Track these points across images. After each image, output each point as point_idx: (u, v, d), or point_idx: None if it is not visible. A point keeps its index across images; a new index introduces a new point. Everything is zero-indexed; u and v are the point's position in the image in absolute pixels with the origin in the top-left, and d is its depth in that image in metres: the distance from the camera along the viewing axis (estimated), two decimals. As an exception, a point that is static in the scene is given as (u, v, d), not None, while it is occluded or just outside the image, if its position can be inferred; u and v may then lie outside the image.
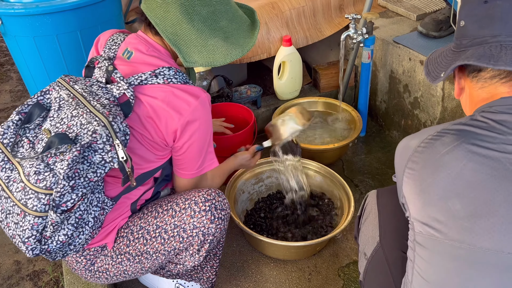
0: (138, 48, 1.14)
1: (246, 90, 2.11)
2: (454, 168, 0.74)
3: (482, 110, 0.79)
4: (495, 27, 0.78)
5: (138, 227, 1.18)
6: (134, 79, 1.09)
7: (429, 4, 2.15)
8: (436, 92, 1.77)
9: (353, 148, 2.07)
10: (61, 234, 0.98)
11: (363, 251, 1.11)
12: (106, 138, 0.97)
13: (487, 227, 0.71)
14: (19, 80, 3.10)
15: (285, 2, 2.06)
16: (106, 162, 0.99)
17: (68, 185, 0.94)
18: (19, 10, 1.69)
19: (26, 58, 1.85)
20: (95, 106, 1.00)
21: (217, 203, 1.17)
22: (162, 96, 1.08)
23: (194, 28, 1.09)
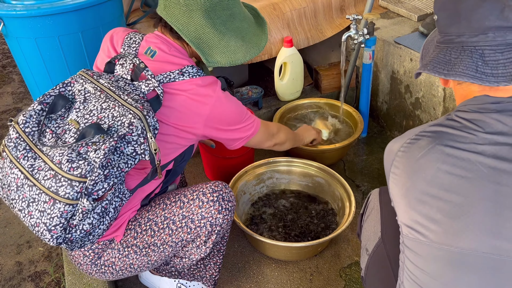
0: (160, 47, 1.19)
1: (247, 91, 2.11)
2: (429, 171, 0.76)
3: (458, 109, 0.80)
4: (460, 25, 0.78)
5: (146, 219, 1.20)
6: (163, 77, 1.14)
7: (430, 5, 2.15)
8: (437, 93, 1.76)
9: (354, 148, 2.07)
10: (86, 223, 0.99)
11: (365, 247, 1.12)
12: (141, 130, 1.01)
13: (462, 228, 0.72)
14: (21, 82, 3.11)
15: (286, 3, 2.07)
16: (137, 154, 1.02)
17: (103, 173, 0.96)
18: (20, 11, 1.70)
19: (28, 60, 1.86)
20: (127, 100, 1.04)
21: (224, 194, 1.20)
22: (191, 89, 1.14)
23: (216, 31, 1.16)
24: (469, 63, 0.76)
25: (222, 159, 1.79)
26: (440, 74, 0.79)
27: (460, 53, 0.78)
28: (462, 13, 0.77)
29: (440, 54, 0.81)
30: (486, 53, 0.75)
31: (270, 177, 1.78)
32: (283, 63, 2.04)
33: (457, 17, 0.78)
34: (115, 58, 1.17)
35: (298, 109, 2.11)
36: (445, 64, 0.79)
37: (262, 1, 2.11)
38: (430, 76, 1.77)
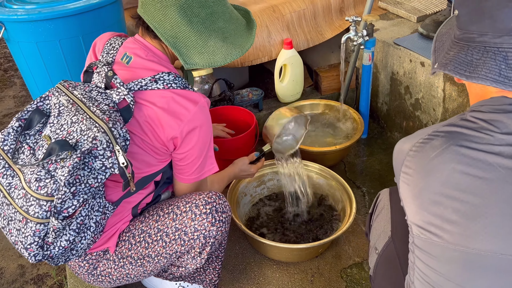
0: (137, 53, 1.14)
1: (247, 93, 2.12)
2: (444, 172, 0.74)
3: (473, 109, 0.78)
4: (483, 24, 0.74)
5: (140, 231, 1.19)
6: (134, 85, 1.09)
7: (429, 6, 2.15)
8: (437, 94, 1.77)
9: (355, 150, 2.07)
10: (63, 240, 0.99)
11: (374, 246, 1.12)
12: (106, 144, 0.98)
13: (479, 229, 0.71)
14: (23, 86, 3.13)
15: (285, 5, 2.07)
16: (107, 168, 0.99)
17: (69, 191, 0.94)
18: (22, 16, 1.71)
19: (29, 64, 1.87)
20: (95, 112, 1.01)
21: (218, 205, 1.17)
22: (162, 102, 1.09)
23: (193, 30, 1.09)
24: (492, 66, 0.72)
25: (223, 161, 1.80)
26: (461, 76, 0.75)
27: (483, 54, 0.74)
28: (486, 12, 0.73)
29: (461, 53, 0.77)
30: (510, 56, 0.72)
31: (271, 179, 1.78)
32: (283, 65, 2.05)
33: (480, 15, 0.74)
34: (93, 66, 1.14)
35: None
36: (466, 65, 0.75)
37: (261, 4, 2.12)
38: (430, 77, 1.78)
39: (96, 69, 1.13)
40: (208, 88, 2.03)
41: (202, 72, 2.00)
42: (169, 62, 1.17)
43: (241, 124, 1.91)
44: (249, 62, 2.04)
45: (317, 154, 1.84)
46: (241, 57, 2.01)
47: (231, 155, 1.77)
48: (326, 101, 2.10)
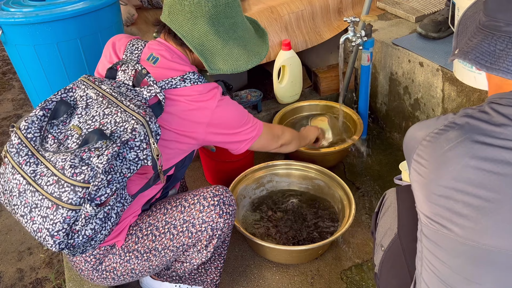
0: (162, 54, 1.20)
1: (246, 94, 2.11)
2: (457, 165, 0.73)
3: (492, 101, 0.76)
4: (511, 13, 0.72)
5: (147, 224, 1.21)
6: (165, 83, 1.15)
7: (427, 6, 2.15)
8: (436, 94, 1.76)
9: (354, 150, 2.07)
10: (88, 229, 0.99)
11: (380, 243, 1.11)
12: (144, 136, 1.01)
13: (491, 225, 0.70)
14: (21, 89, 3.12)
15: (284, 7, 2.07)
16: (140, 159, 1.03)
17: (106, 179, 0.97)
18: (19, 19, 1.70)
19: (27, 67, 1.86)
20: (129, 106, 1.05)
21: (225, 198, 1.21)
22: (193, 95, 1.16)
23: (220, 39, 1.18)
24: None
25: (222, 163, 1.79)
26: (482, 67, 0.74)
27: (507, 45, 0.72)
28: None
29: (484, 42, 0.75)
30: None
31: (270, 181, 1.78)
32: (282, 66, 2.04)
33: (509, 3, 0.72)
34: (117, 64, 1.17)
35: (297, 111, 2.11)
36: (488, 56, 0.74)
37: (260, 5, 2.11)
38: (429, 77, 1.77)
39: (121, 67, 1.16)
40: (206, 90, 2.02)
41: (201, 73, 2.00)
42: (190, 63, 1.24)
43: (240, 126, 1.90)
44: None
45: (316, 156, 1.84)
46: (240, 59, 2.01)
47: (229, 157, 1.76)
48: (325, 102, 2.10)
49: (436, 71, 1.73)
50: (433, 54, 1.78)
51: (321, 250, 1.54)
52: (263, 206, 1.74)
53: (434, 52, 1.80)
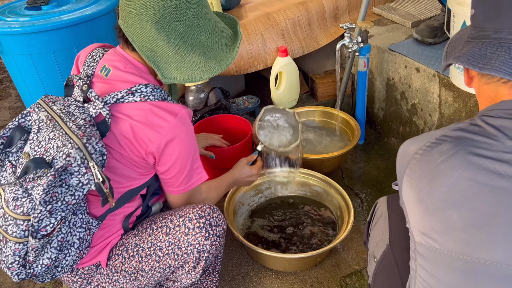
0: (115, 65, 1.11)
1: (243, 101, 2.11)
2: (450, 178, 0.73)
3: (483, 114, 0.77)
4: (499, 21, 0.75)
5: (133, 245, 1.18)
6: (110, 98, 1.06)
7: (423, 11, 2.16)
8: (433, 99, 1.77)
9: (352, 156, 2.07)
10: (45, 258, 0.98)
11: (373, 254, 1.11)
12: (81, 160, 0.96)
13: (485, 238, 0.70)
14: (18, 97, 3.11)
15: (280, 13, 2.08)
16: (84, 184, 0.98)
17: (46, 210, 0.94)
18: (16, 29, 1.71)
19: (23, 76, 1.86)
20: (71, 128, 1.00)
21: (212, 219, 1.15)
22: (139, 115, 1.06)
23: (170, 45, 1.06)
24: (506, 59, 0.73)
25: (220, 171, 1.79)
26: (474, 67, 0.75)
27: (497, 49, 0.74)
28: (502, 9, 0.74)
29: (475, 47, 0.78)
30: None
31: (268, 187, 1.78)
32: (279, 72, 2.05)
33: (497, 12, 0.75)
34: (72, 80, 1.13)
35: (294, 118, 2.11)
36: (480, 58, 0.75)
37: (256, 12, 2.12)
38: (425, 83, 1.78)
39: (77, 82, 1.11)
40: (204, 97, 2.02)
41: (198, 81, 2.00)
42: (149, 74, 1.14)
43: (238, 133, 1.90)
44: (244, 70, 2.04)
45: (314, 161, 1.84)
46: (237, 66, 2.01)
47: (227, 164, 1.76)
48: (323, 107, 2.10)
49: (433, 76, 1.73)
50: (429, 59, 1.79)
51: (320, 257, 1.53)
52: (261, 213, 1.74)
53: (431, 57, 1.80)
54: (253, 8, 2.18)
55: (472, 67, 0.76)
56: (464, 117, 1.64)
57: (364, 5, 1.86)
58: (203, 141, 1.68)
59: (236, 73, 2.04)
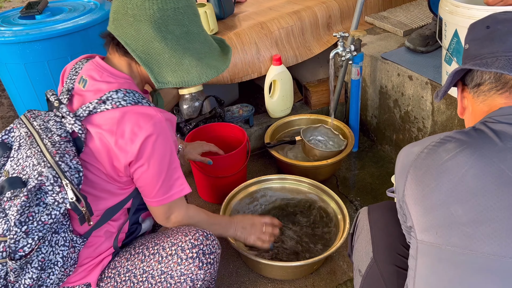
0: (91, 75, 1.08)
1: (238, 109, 2.12)
2: (456, 174, 0.76)
3: (483, 121, 0.82)
4: (494, 46, 0.85)
5: (125, 269, 1.16)
6: (82, 111, 1.03)
7: (415, 20, 2.19)
8: (425, 107, 1.79)
9: (346, 163, 2.08)
10: (27, 278, 0.97)
11: (358, 268, 1.11)
12: (54, 179, 0.95)
13: (489, 233, 0.72)
14: (11, 106, 3.09)
15: (273, 22, 2.09)
16: (59, 203, 0.96)
17: (21, 230, 0.92)
18: (9, 38, 1.70)
19: (16, 85, 1.86)
20: (46, 145, 0.98)
21: (205, 247, 1.13)
22: (109, 124, 1.02)
23: (167, 47, 1.04)
24: (505, 63, 0.81)
25: (215, 179, 1.79)
26: (481, 67, 0.83)
27: (497, 59, 0.83)
28: (496, 38, 0.85)
29: (476, 60, 0.86)
30: None
31: (264, 195, 1.77)
32: (273, 80, 2.06)
33: (489, 41, 0.86)
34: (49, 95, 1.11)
35: (289, 125, 2.12)
36: (481, 64, 0.84)
37: (250, 21, 2.13)
38: (418, 91, 1.80)
39: (61, 96, 1.09)
40: (198, 106, 2.03)
41: (192, 89, 2.00)
42: (131, 83, 1.10)
43: (233, 141, 1.90)
44: (238, 79, 2.05)
45: (309, 169, 1.84)
46: (231, 74, 2.02)
47: (222, 172, 1.76)
48: (316, 115, 2.11)
49: (425, 84, 1.75)
50: (421, 67, 1.81)
51: (316, 265, 1.53)
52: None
53: (423, 65, 1.82)
54: (246, 17, 2.19)
55: (478, 67, 0.83)
56: (456, 124, 1.66)
57: (356, 14, 1.88)
58: (199, 148, 1.68)
59: (231, 81, 2.05)
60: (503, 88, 0.84)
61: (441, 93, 0.95)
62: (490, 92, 0.85)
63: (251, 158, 2.05)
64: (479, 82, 0.87)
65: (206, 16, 1.98)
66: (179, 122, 1.98)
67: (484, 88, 0.86)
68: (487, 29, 0.87)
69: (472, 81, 0.89)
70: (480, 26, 0.89)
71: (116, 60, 1.11)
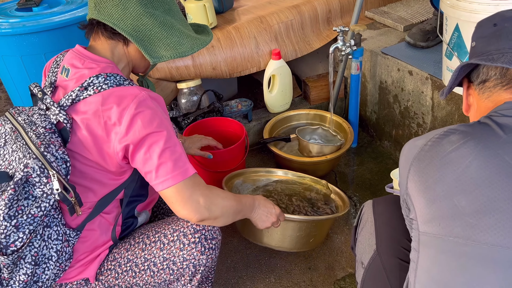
0: (73, 63, 1.06)
1: (236, 104, 2.11)
2: (460, 165, 0.76)
3: (489, 115, 0.83)
4: (500, 43, 0.85)
5: (126, 260, 1.15)
6: (65, 100, 1.01)
7: (415, 15, 2.17)
8: (425, 102, 1.78)
9: (345, 159, 2.07)
10: (21, 274, 0.96)
11: (360, 260, 1.11)
12: (40, 170, 0.93)
13: (492, 223, 0.72)
14: (7, 100, 3.07)
15: (273, 16, 2.08)
16: (48, 194, 0.95)
17: (11, 225, 0.92)
18: (6, 30, 1.68)
19: (13, 78, 1.84)
20: (31, 137, 0.97)
21: (207, 232, 1.11)
22: (91, 109, 1.00)
23: (157, 21, 1.06)
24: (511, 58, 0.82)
25: (213, 173, 1.78)
26: (487, 62, 0.83)
27: (503, 55, 0.83)
28: (502, 35, 0.85)
29: (482, 56, 0.86)
30: None
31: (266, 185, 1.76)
32: (272, 75, 2.04)
33: (496, 38, 0.86)
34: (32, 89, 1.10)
35: (288, 120, 2.11)
36: (487, 60, 0.84)
37: (249, 15, 2.12)
38: (418, 86, 1.79)
39: (33, 91, 1.08)
40: (196, 100, 2.01)
41: (191, 83, 1.99)
42: (114, 67, 1.07)
43: (231, 136, 1.89)
44: (237, 73, 2.04)
45: (308, 164, 1.83)
46: (230, 68, 2.01)
47: (223, 167, 1.75)
48: (316, 110, 2.10)
49: (426, 79, 1.74)
50: (422, 62, 1.80)
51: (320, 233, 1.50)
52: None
53: (423, 60, 1.81)
54: (246, 11, 2.18)
55: (484, 62, 0.83)
56: (456, 119, 1.65)
57: (357, 9, 1.87)
58: (198, 142, 1.67)
59: (229, 75, 2.04)
60: (509, 83, 0.84)
61: (446, 90, 0.95)
62: (495, 88, 0.86)
63: (249, 153, 2.04)
64: (485, 79, 0.87)
65: (205, 9, 1.97)
66: (177, 116, 1.97)
67: (489, 85, 0.87)
68: (494, 26, 0.87)
69: (477, 78, 0.89)
70: (487, 23, 0.90)
71: (100, 46, 1.09)
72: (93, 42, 1.11)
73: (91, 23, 1.10)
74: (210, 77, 2.02)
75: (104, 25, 1.06)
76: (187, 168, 1.04)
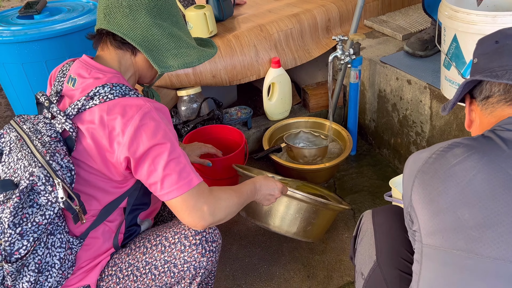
0: (80, 73, 1.08)
1: (236, 111, 2.12)
2: (464, 178, 0.77)
3: (492, 129, 0.83)
4: (503, 60, 0.86)
5: (127, 264, 1.15)
6: (71, 109, 1.03)
7: (414, 24, 2.19)
8: (424, 111, 1.79)
9: (344, 167, 2.08)
10: (24, 281, 0.96)
11: (360, 271, 1.10)
12: (45, 178, 0.94)
13: (495, 237, 0.73)
14: (7, 106, 3.08)
15: (273, 25, 2.09)
16: (53, 202, 0.96)
17: (15, 232, 0.92)
18: (7, 37, 1.69)
19: (14, 85, 1.85)
20: (36, 146, 0.98)
21: (208, 235, 1.13)
22: (97, 119, 1.01)
23: (165, 33, 1.10)
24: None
25: (213, 181, 1.78)
26: (492, 78, 0.84)
27: (507, 72, 0.84)
28: (505, 52, 0.87)
29: (485, 73, 0.87)
30: None
31: None
32: (271, 83, 2.06)
33: (498, 55, 0.87)
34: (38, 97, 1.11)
35: (287, 128, 2.12)
36: (492, 77, 0.85)
37: (249, 23, 2.13)
38: (417, 95, 1.80)
39: (40, 99, 1.09)
40: (196, 107, 2.02)
41: (190, 91, 2.00)
42: (120, 77, 1.09)
43: (231, 143, 1.90)
44: (237, 81, 2.05)
45: (307, 172, 1.84)
46: (230, 76, 2.02)
47: (222, 174, 1.76)
48: (315, 118, 2.11)
49: (424, 88, 1.75)
50: (420, 72, 1.81)
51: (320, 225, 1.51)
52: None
53: (422, 70, 1.82)
54: (246, 19, 2.19)
55: (489, 78, 0.84)
56: (455, 128, 1.66)
57: (356, 18, 1.88)
58: (197, 150, 1.67)
59: (229, 83, 2.05)
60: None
61: (450, 106, 0.96)
62: (498, 104, 0.86)
63: (248, 160, 2.04)
64: (488, 95, 0.88)
65: (205, 18, 1.98)
66: (177, 124, 1.97)
67: (493, 100, 0.87)
68: (496, 44, 0.88)
69: (480, 94, 0.90)
70: (489, 41, 0.91)
71: (108, 56, 1.11)
72: (101, 52, 1.13)
73: (99, 33, 1.12)
74: (210, 85, 2.03)
75: (113, 35, 1.09)
76: (192, 178, 1.05)
